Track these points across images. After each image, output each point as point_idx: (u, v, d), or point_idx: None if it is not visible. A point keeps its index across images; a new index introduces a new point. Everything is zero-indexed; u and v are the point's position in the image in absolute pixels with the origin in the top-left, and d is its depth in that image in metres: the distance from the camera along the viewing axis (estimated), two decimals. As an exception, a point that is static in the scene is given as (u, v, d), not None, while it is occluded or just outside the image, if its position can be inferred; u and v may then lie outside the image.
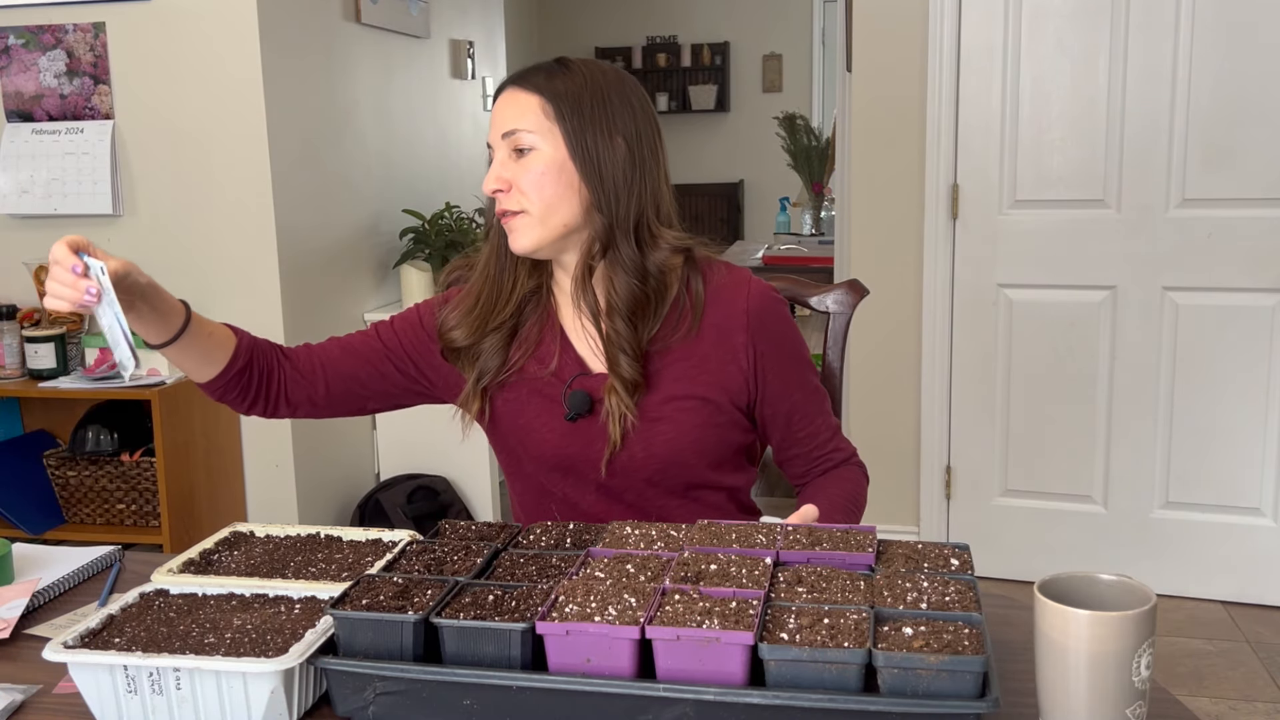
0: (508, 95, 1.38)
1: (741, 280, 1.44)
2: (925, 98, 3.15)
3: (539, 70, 1.38)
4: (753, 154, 8.19)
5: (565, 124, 1.34)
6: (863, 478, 1.51)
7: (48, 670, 1.15)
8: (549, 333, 1.45)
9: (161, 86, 2.90)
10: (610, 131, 1.35)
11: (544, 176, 1.34)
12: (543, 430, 1.43)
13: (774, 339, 1.43)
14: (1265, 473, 3.01)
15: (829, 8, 7.78)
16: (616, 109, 1.36)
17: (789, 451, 1.49)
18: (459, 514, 3.33)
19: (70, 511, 2.93)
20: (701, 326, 1.41)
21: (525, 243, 1.37)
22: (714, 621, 0.96)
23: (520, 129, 1.34)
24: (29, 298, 2.97)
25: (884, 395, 3.28)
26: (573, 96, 1.34)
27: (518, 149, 1.35)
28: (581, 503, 1.46)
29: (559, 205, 1.35)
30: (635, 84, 1.42)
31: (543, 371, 1.43)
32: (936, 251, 3.19)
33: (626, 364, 1.37)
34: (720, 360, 1.41)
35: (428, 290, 3.40)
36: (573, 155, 1.34)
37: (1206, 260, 2.98)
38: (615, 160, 1.35)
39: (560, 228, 1.36)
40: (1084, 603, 0.93)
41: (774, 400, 1.45)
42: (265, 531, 1.33)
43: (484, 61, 4.58)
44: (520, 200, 1.35)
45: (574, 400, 1.41)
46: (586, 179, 1.35)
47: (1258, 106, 2.89)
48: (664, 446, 1.39)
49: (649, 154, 1.38)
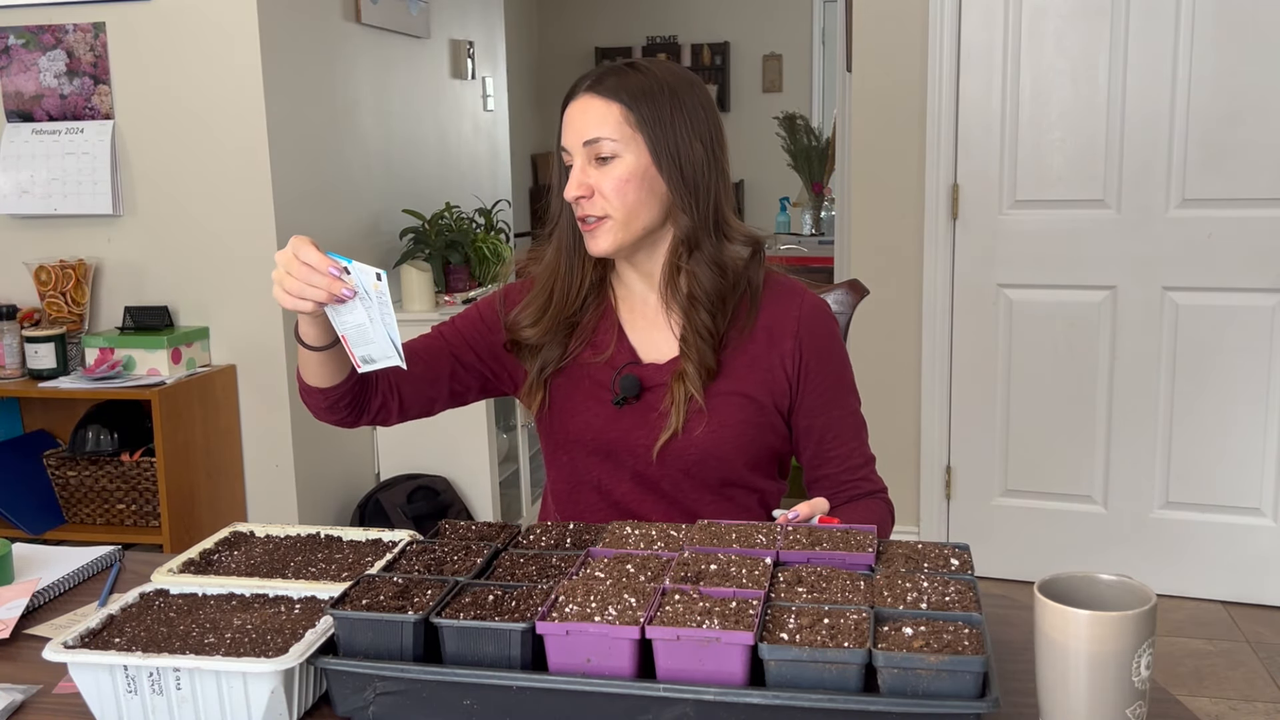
0: (585, 102, 1.40)
1: (798, 289, 1.49)
2: (925, 98, 3.15)
3: (613, 74, 1.40)
4: (753, 154, 8.18)
5: (648, 131, 1.37)
6: (888, 514, 1.50)
7: (48, 670, 1.15)
8: (606, 323, 1.49)
9: (161, 86, 2.90)
10: (689, 134, 1.39)
11: (628, 184, 1.37)
12: (587, 415, 1.46)
13: (819, 352, 1.46)
14: (1265, 473, 3.01)
15: (829, 8, 7.77)
16: (691, 110, 1.40)
17: (818, 472, 1.50)
18: (459, 514, 3.33)
19: (70, 511, 2.93)
20: (755, 327, 1.45)
21: (606, 246, 1.41)
22: (714, 621, 0.96)
23: (603, 137, 1.37)
24: (29, 298, 2.96)
25: (884, 395, 3.28)
26: (652, 103, 1.37)
27: (599, 157, 1.38)
28: (616, 491, 1.47)
29: (641, 210, 1.39)
30: (700, 82, 1.45)
31: (596, 359, 1.47)
32: (936, 251, 3.19)
33: (708, 352, 1.41)
34: (768, 362, 1.45)
35: (428, 290, 3.40)
36: (657, 162, 1.38)
37: (1206, 260, 2.98)
38: (695, 162, 1.39)
39: (641, 231, 1.40)
40: (1084, 603, 0.93)
41: (809, 412, 1.46)
42: (265, 531, 1.33)
43: (484, 61, 4.58)
44: (604, 206, 1.38)
45: (625, 383, 1.44)
46: (671, 183, 1.39)
47: (1258, 106, 2.89)
48: (706, 437, 1.42)
49: (719, 150, 1.43)
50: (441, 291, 3.55)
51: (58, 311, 2.91)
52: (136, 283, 2.98)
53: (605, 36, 8.29)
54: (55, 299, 2.91)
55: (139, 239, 2.97)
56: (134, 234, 2.97)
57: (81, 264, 2.92)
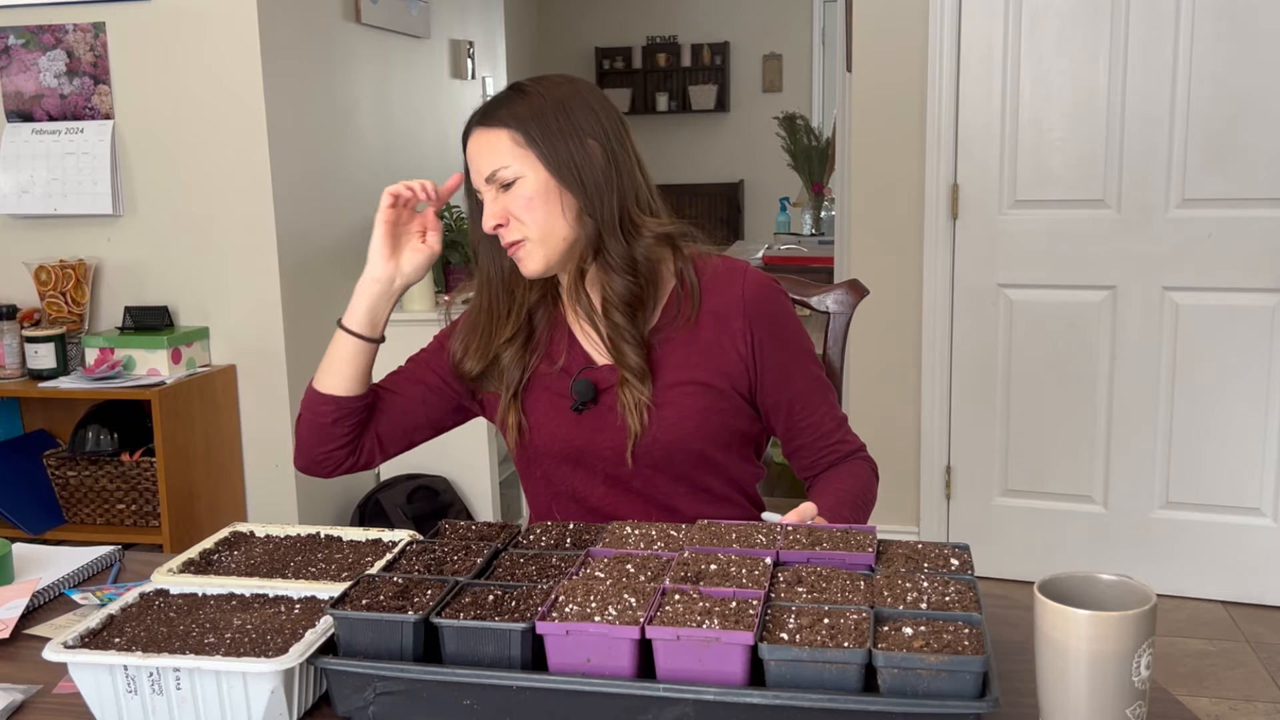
0: (477, 137, 1.42)
1: (739, 269, 1.49)
2: (925, 98, 3.15)
3: (497, 104, 1.42)
4: (753, 154, 8.19)
5: (537, 146, 1.38)
6: (871, 473, 1.51)
7: (48, 670, 1.15)
8: (557, 332, 1.50)
9: (161, 86, 2.90)
10: (580, 138, 1.39)
11: (533, 201, 1.38)
12: (552, 425, 1.46)
13: (771, 326, 1.46)
14: (1265, 473, 3.01)
15: (829, 8, 7.77)
16: (579, 115, 1.40)
17: (794, 443, 1.50)
18: (459, 514, 3.33)
19: (70, 511, 2.93)
20: (700, 314, 1.45)
21: (534, 266, 1.41)
22: (714, 621, 0.96)
23: (498, 167, 1.38)
24: (29, 298, 2.96)
25: (884, 395, 3.28)
26: (536, 117, 1.38)
27: (503, 185, 1.39)
28: (591, 496, 1.48)
29: (553, 223, 1.39)
30: (590, 85, 1.46)
31: (552, 368, 1.48)
32: (936, 251, 3.19)
33: (632, 354, 1.42)
34: (720, 347, 1.45)
35: (428, 290, 3.40)
36: (553, 173, 1.38)
37: (1206, 260, 2.98)
38: (592, 163, 1.39)
39: (561, 243, 1.40)
40: (1084, 603, 0.93)
41: (773, 388, 1.47)
42: (265, 531, 1.33)
43: (484, 61, 4.58)
44: (519, 229, 1.39)
45: (579, 388, 1.44)
46: (571, 190, 1.38)
47: (1258, 106, 2.89)
48: (667, 431, 1.42)
49: (619, 148, 1.42)
50: (441, 291, 3.55)
51: (58, 311, 2.91)
52: (136, 283, 2.98)
53: (605, 36, 8.30)
54: (55, 299, 2.91)
55: (139, 239, 2.97)
56: (134, 234, 2.97)
57: (81, 264, 2.92)
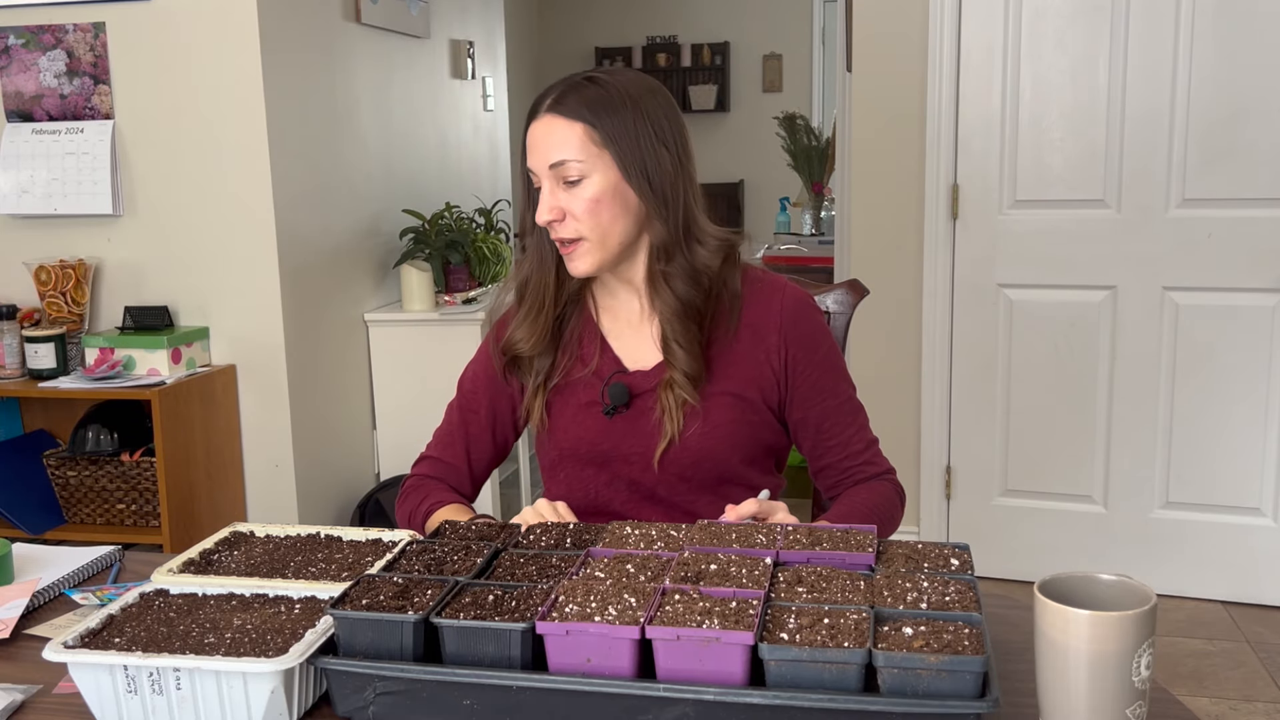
0: (548, 123, 1.37)
1: (779, 284, 1.48)
2: (925, 98, 3.14)
3: (573, 91, 1.37)
4: (753, 154, 8.18)
5: (614, 147, 1.35)
6: (895, 494, 1.49)
7: (48, 670, 1.15)
8: (588, 335, 1.49)
9: (161, 86, 2.90)
10: (655, 143, 1.36)
11: (599, 203, 1.35)
12: (580, 428, 1.46)
13: (806, 344, 1.46)
14: (1265, 473, 3.01)
15: (829, 8, 7.77)
16: (655, 118, 1.38)
17: (820, 462, 1.50)
18: (459, 514, 3.32)
19: (70, 511, 2.93)
20: (739, 326, 1.45)
21: (585, 267, 1.40)
22: (714, 621, 0.95)
23: (568, 159, 1.35)
24: (29, 298, 2.96)
25: (884, 395, 3.28)
26: (615, 116, 1.35)
27: (567, 180, 1.36)
28: (613, 501, 1.48)
29: (615, 227, 1.37)
30: (661, 87, 1.44)
31: (584, 372, 1.47)
32: (936, 251, 3.19)
33: (689, 361, 1.41)
34: (754, 360, 1.45)
35: (428, 290, 3.40)
36: (626, 177, 1.36)
37: (1206, 260, 2.98)
38: (664, 170, 1.37)
39: (618, 247, 1.39)
40: (1084, 603, 0.92)
41: (803, 404, 1.46)
42: (265, 531, 1.33)
43: (484, 61, 4.58)
44: (577, 228, 1.37)
45: (613, 392, 1.44)
46: (643, 195, 1.37)
47: (1258, 106, 2.89)
48: (699, 440, 1.42)
49: (684, 154, 1.41)
50: (441, 291, 3.55)
51: (58, 311, 2.91)
52: (136, 283, 2.98)
53: (605, 36, 8.29)
54: (55, 299, 2.91)
55: (139, 239, 2.97)
56: (134, 234, 2.97)
57: (81, 264, 2.92)
